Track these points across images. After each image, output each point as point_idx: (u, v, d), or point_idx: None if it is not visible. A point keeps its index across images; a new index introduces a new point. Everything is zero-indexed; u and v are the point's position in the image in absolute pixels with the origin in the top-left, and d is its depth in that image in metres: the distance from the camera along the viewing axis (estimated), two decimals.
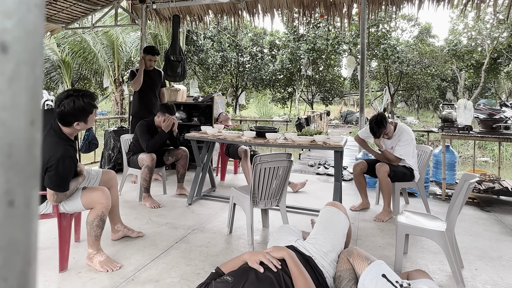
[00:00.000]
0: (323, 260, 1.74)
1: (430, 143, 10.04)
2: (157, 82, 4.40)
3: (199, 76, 17.68)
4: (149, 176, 3.46)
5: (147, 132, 3.57)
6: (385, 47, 15.94)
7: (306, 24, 12.14)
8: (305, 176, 5.18)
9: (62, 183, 2.02)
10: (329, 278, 1.71)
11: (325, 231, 1.90)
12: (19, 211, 0.25)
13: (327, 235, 1.86)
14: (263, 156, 2.57)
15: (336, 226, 1.94)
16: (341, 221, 1.97)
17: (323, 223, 1.97)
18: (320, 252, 1.77)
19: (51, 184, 1.99)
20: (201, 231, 2.86)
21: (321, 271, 1.70)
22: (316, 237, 1.86)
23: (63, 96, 2.02)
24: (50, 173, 1.96)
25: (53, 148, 1.98)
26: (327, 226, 1.93)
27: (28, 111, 0.25)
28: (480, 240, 2.83)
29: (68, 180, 2.05)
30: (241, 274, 1.48)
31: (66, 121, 2.03)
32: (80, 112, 2.02)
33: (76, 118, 2.02)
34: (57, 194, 2.03)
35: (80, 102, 2.00)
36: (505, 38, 15.35)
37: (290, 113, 21.59)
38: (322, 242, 1.82)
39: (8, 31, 0.24)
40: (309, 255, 1.75)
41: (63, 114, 2.00)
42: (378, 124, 3.25)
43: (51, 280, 2.05)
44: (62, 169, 1.97)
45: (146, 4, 5.96)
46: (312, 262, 1.72)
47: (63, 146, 2.01)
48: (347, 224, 2.00)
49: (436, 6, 4.75)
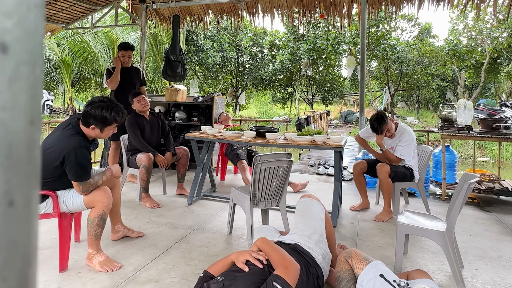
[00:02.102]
0: (308, 242, 1.84)
1: (430, 143, 10.04)
2: (135, 80, 4.28)
3: (199, 76, 17.68)
4: (146, 176, 3.46)
5: (134, 125, 3.63)
6: (385, 47, 15.94)
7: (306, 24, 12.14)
8: (305, 176, 5.18)
9: (82, 173, 2.09)
10: (318, 257, 1.79)
11: (303, 218, 2.03)
12: (19, 211, 0.25)
13: (306, 221, 1.99)
14: (263, 156, 2.57)
15: (311, 211, 2.07)
16: (315, 206, 2.10)
17: (300, 213, 2.10)
18: (304, 236, 1.88)
19: (73, 175, 2.08)
20: (201, 231, 2.86)
21: (308, 252, 1.78)
22: (297, 226, 1.99)
23: (97, 99, 2.20)
24: (68, 166, 2.05)
25: (68, 140, 2.08)
26: (304, 214, 2.06)
27: (28, 111, 0.25)
28: (480, 240, 2.83)
29: (87, 169, 2.14)
30: (231, 274, 1.54)
31: (86, 120, 2.16)
32: (101, 119, 2.16)
33: (95, 122, 2.16)
34: (81, 185, 2.11)
35: (107, 111, 2.16)
36: (505, 38, 15.33)
37: (290, 113, 21.59)
38: (302, 228, 1.95)
39: (8, 31, 0.24)
40: (295, 243, 1.84)
41: (87, 113, 2.15)
42: (378, 121, 3.26)
43: (51, 280, 2.05)
44: (79, 159, 2.06)
45: (146, 4, 5.96)
46: (299, 247, 1.80)
47: (78, 137, 2.12)
48: (322, 209, 2.12)
49: (436, 6, 4.75)
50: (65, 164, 2.06)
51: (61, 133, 2.13)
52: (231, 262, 1.65)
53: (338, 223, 3.11)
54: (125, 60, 4.16)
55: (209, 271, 1.64)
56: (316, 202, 2.14)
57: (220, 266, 1.65)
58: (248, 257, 1.60)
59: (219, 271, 1.62)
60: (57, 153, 2.05)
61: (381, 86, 21.08)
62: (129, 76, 4.22)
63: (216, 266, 1.66)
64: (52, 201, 2.15)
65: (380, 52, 16.12)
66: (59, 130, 2.17)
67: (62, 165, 2.07)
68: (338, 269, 1.75)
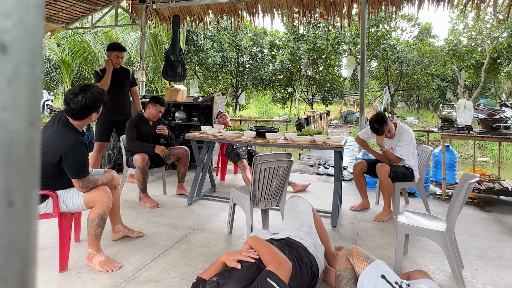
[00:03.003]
0: (299, 233, 1.90)
1: (430, 143, 10.04)
2: (125, 81, 4.12)
3: (199, 76, 17.67)
4: (142, 177, 3.46)
5: (133, 128, 3.62)
6: (385, 47, 15.93)
7: (306, 24, 12.14)
8: (305, 176, 5.18)
9: (80, 169, 2.09)
10: (311, 247, 1.83)
11: (291, 214, 2.10)
12: (18, 211, 0.25)
13: (295, 216, 2.06)
14: (263, 156, 2.57)
15: (299, 207, 2.13)
16: (302, 203, 2.17)
17: (288, 211, 2.16)
18: (294, 229, 1.93)
19: (72, 173, 2.07)
20: (201, 231, 2.86)
21: (299, 243, 1.82)
22: (287, 222, 2.06)
23: (77, 91, 2.13)
24: (67, 163, 2.04)
25: (64, 137, 2.07)
26: (292, 211, 2.13)
27: (27, 111, 0.25)
28: (480, 240, 2.83)
29: (86, 165, 2.14)
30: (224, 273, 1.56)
31: (83, 113, 2.14)
32: (96, 102, 2.15)
33: (95, 109, 2.17)
34: (80, 181, 2.10)
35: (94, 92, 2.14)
36: (505, 38, 15.33)
37: (290, 113, 21.58)
38: (292, 222, 2.01)
39: (7, 31, 0.24)
40: (286, 237, 1.88)
41: (84, 107, 2.11)
42: (379, 122, 3.26)
43: (51, 280, 2.05)
44: (77, 155, 2.06)
45: (146, 4, 5.96)
46: (290, 239, 1.84)
47: (73, 134, 2.11)
48: (309, 206, 2.19)
49: (436, 6, 4.76)
50: (63, 162, 2.04)
51: (55, 131, 2.10)
52: (222, 264, 1.66)
53: (338, 223, 3.11)
54: (117, 61, 4.01)
55: (202, 276, 1.65)
56: (302, 200, 2.22)
57: (212, 270, 1.66)
58: (239, 256, 1.61)
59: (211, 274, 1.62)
60: (54, 152, 2.03)
61: (381, 86, 21.08)
62: (119, 77, 4.05)
63: (208, 271, 1.68)
64: (52, 201, 2.15)
65: (380, 52, 16.11)
66: (50, 127, 2.13)
67: (59, 164, 2.05)
68: (338, 267, 1.74)
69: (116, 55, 3.98)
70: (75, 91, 2.13)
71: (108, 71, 3.90)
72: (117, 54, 3.98)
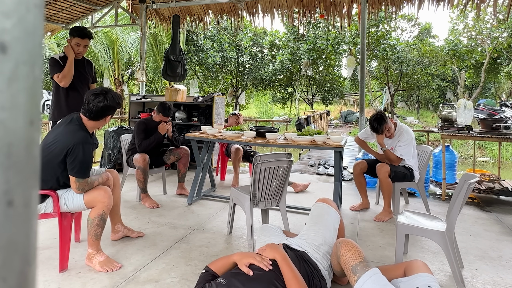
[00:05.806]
0: (316, 253, 1.79)
1: (430, 143, 10.04)
2: (88, 76, 3.39)
3: (199, 76, 17.67)
4: (142, 177, 3.46)
5: (143, 131, 3.59)
6: (385, 47, 15.93)
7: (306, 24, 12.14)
8: (305, 176, 5.18)
9: (83, 169, 2.09)
10: (324, 270, 1.75)
11: (316, 226, 1.94)
12: (18, 211, 0.25)
13: (318, 230, 1.91)
14: (263, 156, 2.57)
15: (326, 220, 1.97)
16: (331, 215, 2.00)
17: (313, 219, 2.00)
18: (312, 246, 1.82)
19: (73, 170, 2.07)
20: (201, 231, 2.86)
21: (315, 263, 1.74)
22: (308, 232, 1.92)
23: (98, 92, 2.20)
24: (71, 159, 2.05)
25: (74, 134, 2.09)
26: (318, 221, 1.97)
27: (27, 111, 0.25)
28: (480, 240, 2.83)
29: (89, 167, 2.14)
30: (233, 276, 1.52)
31: (102, 114, 2.21)
32: (116, 105, 2.23)
33: (113, 111, 2.25)
34: (78, 181, 2.10)
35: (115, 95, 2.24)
36: (505, 38, 15.32)
37: (290, 113, 21.59)
38: (313, 236, 1.87)
39: (7, 31, 0.24)
40: (302, 250, 1.79)
41: (104, 108, 2.18)
42: (378, 121, 3.26)
43: (51, 280, 2.05)
44: (82, 155, 2.06)
45: (146, 4, 5.96)
46: (306, 256, 1.76)
47: (84, 133, 2.13)
48: (338, 218, 2.03)
49: (436, 6, 4.76)
50: (68, 157, 2.05)
51: (65, 128, 2.14)
52: (233, 263, 1.62)
53: None
54: (80, 50, 3.21)
55: (211, 267, 1.62)
56: (332, 209, 2.04)
57: (222, 265, 1.63)
58: (252, 260, 1.57)
59: (221, 269, 1.61)
60: (61, 148, 2.04)
61: (381, 86, 21.08)
62: (82, 70, 3.30)
63: (218, 263, 1.64)
64: (52, 201, 2.15)
65: (380, 52, 16.11)
66: (61, 125, 2.18)
67: (64, 160, 2.06)
68: (335, 267, 1.72)
69: (77, 43, 3.17)
70: (96, 92, 2.21)
71: (70, 60, 3.14)
72: (78, 41, 3.17)
